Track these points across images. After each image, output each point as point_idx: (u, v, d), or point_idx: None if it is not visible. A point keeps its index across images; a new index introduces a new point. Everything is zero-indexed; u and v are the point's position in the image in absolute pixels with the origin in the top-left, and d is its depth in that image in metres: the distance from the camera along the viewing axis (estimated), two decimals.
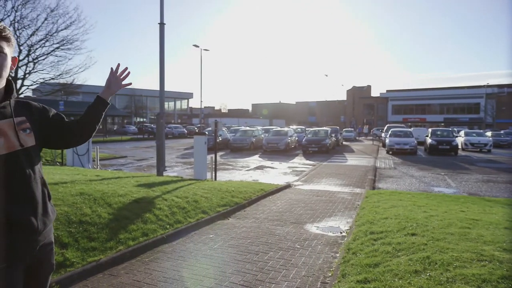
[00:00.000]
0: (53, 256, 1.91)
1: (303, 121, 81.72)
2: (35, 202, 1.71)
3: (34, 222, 1.69)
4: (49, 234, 1.85)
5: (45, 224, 1.77)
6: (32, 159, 1.75)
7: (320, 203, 8.43)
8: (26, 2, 19.09)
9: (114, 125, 57.48)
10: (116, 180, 8.15)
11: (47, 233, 1.84)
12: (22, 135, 1.72)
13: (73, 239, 4.56)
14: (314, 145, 23.91)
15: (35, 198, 1.71)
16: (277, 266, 4.52)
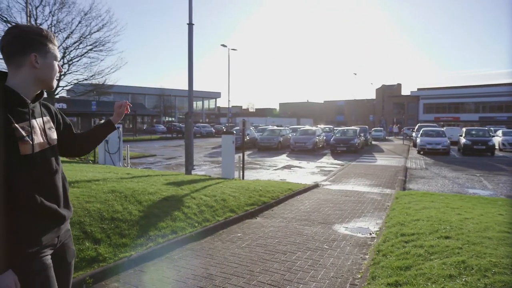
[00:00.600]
0: (73, 242, 2.01)
1: (331, 120, 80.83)
2: (59, 195, 1.82)
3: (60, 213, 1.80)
4: (68, 224, 1.94)
5: (67, 216, 1.87)
6: (57, 156, 1.87)
7: (348, 203, 8.30)
8: (62, 6, 19.82)
9: (143, 124, 58.77)
10: (146, 178, 8.32)
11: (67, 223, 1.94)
12: (49, 133, 1.82)
13: (106, 235, 4.68)
14: (343, 145, 23.59)
15: (59, 192, 1.82)
16: (305, 267, 4.48)
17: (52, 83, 1.84)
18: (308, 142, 24.28)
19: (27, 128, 1.67)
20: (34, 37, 1.74)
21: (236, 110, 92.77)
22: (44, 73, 1.77)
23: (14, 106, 1.66)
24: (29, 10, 18.68)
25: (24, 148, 1.64)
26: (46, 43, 1.77)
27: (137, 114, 50.71)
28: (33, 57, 1.72)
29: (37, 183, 1.70)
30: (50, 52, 1.79)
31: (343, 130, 26.94)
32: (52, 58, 1.80)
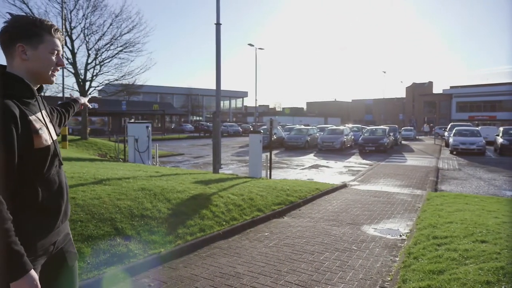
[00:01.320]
0: (74, 246, 1.93)
1: (359, 120, 79.53)
2: (64, 192, 1.76)
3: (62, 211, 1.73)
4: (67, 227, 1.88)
5: (67, 214, 1.81)
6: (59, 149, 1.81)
7: (377, 204, 8.14)
8: (95, 9, 20.46)
9: (172, 124, 59.71)
10: (174, 176, 8.44)
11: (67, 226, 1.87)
12: (51, 126, 1.77)
13: (136, 231, 4.78)
14: (371, 144, 23.17)
15: (64, 188, 1.76)
16: (333, 267, 4.42)
17: (47, 77, 1.71)
18: (336, 142, 24.00)
19: (39, 120, 1.63)
20: (24, 26, 1.63)
21: (263, 109, 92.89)
22: (34, 65, 1.66)
23: (24, 98, 1.60)
24: (64, 14, 19.36)
25: (38, 142, 1.58)
26: (39, 33, 1.65)
27: (165, 113, 51.59)
28: (20, 47, 1.62)
29: (46, 178, 1.64)
30: (44, 43, 1.66)
31: (372, 129, 26.47)
32: (46, 50, 1.67)
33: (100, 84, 22.68)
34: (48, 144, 1.64)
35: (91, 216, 4.78)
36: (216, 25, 11.58)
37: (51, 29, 1.70)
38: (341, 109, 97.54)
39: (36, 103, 1.68)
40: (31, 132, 1.55)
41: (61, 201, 1.72)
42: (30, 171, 1.57)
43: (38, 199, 1.59)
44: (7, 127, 1.44)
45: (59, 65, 1.75)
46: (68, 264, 1.84)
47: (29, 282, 1.43)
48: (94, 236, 4.42)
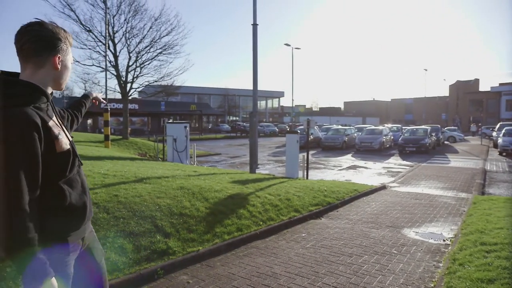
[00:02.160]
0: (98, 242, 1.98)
1: (398, 119, 77.26)
2: (86, 189, 1.81)
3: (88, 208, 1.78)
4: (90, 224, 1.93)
5: (91, 211, 1.85)
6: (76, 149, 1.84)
7: (419, 206, 7.86)
8: (136, 14, 21.15)
9: (209, 124, 60.64)
10: (211, 176, 8.56)
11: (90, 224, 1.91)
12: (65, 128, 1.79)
13: (175, 229, 4.89)
14: (412, 145, 22.43)
15: (86, 186, 1.81)
16: (372, 271, 4.31)
17: (63, 84, 1.78)
18: (375, 142, 23.45)
19: (56, 125, 1.67)
20: (57, 37, 1.68)
21: (300, 109, 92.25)
22: (61, 74, 1.73)
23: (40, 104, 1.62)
24: (107, 19, 20.14)
25: (59, 146, 1.62)
26: (66, 43, 1.72)
27: (202, 113, 52.48)
28: (57, 59, 1.67)
29: (69, 179, 1.69)
30: (69, 54, 1.75)
31: (413, 129, 25.60)
32: (70, 61, 1.76)
33: (140, 85, 23.38)
34: (68, 147, 1.68)
35: (132, 213, 4.94)
36: (253, 25, 11.63)
37: (71, 38, 1.76)
38: (380, 109, 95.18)
39: (50, 107, 1.71)
40: (52, 138, 1.59)
41: (86, 198, 1.77)
42: (55, 173, 1.61)
43: (65, 199, 1.64)
44: (31, 136, 1.48)
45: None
46: (96, 261, 1.90)
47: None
48: (135, 232, 4.56)
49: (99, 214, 4.73)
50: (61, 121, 1.79)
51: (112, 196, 5.35)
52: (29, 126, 1.48)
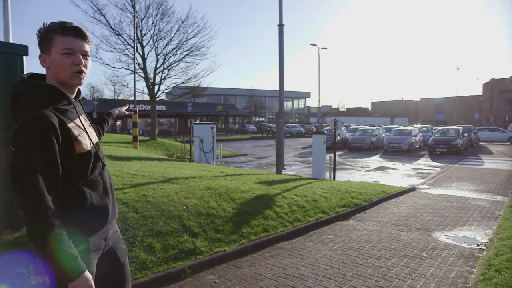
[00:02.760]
0: (122, 242, 1.98)
1: (428, 120, 75.23)
2: (109, 192, 1.80)
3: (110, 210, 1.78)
4: (115, 224, 1.94)
5: (115, 213, 1.86)
6: (102, 152, 1.85)
7: (450, 209, 7.62)
8: (163, 17, 21.58)
9: (235, 125, 61.00)
10: (238, 176, 8.60)
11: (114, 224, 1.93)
12: (91, 130, 1.80)
13: (202, 229, 4.94)
14: (443, 146, 21.77)
15: (108, 188, 1.81)
16: (402, 274, 4.21)
17: (69, 79, 1.66)
18: (403, 143, 22.91)
19: (77, 127, 1.66)
20: (40, 36, 1.64)
21: (326, 109, 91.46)
22: (53, 71, 1.64)
23: (62, 106, 1.63)
24: (136, 22, 20.61)
25: (79, 147, 1.62)
26: (49, 37, 1.62)
27: (229, 114, 52.84)
28: (40, 58, 1.65)
29: (90, 180, 1.70)
30: (55, 45, 1.61)
31: (444, 129, 24.83)
32: (56, 52, 1.61)
33: (168, 87, 23.80)
34: (89, 149, 1.68)
35: (160, 213, 5.02)
36: (279, 26, 11.61)
37: (61, 28, 1.62)
38: (409, 109, 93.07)
39: (73, 109, 1.70)
40: (71, 139, 1.60)
41: (107, 200, 1.77)
42: (75, 174, 1.63)
43: (86, 200, 1.65)
44: (48, 137, 1.50)
45: (76, 64, 1.64)
46: (120, 261, 1.90)
47: (84, 282, 1.50)
48: (163, 232, 4.63)
49: (129, 214, 4.83)
50: (88, 122, 1.81)
51: (140, 196, 5.47)
52: (45, 127, 1.50)
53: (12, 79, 4.26)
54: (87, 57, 1.71)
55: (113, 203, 1.84)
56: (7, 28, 6.18)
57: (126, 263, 1.95)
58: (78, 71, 1.65)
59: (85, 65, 1.68)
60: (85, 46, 1.69)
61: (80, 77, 1.67)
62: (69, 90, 1.71)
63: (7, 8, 6.33)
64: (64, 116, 1.61)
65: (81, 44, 1.66)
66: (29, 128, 1.49)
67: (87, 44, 1.71)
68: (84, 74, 1.69)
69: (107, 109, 13.83)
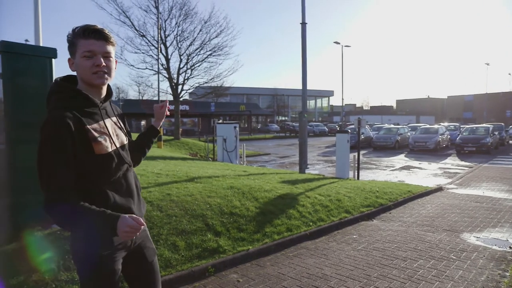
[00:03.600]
0: (151, 241, 2.00)
1: (456, 118, 73.07)
2: (133, 193, 1.83)
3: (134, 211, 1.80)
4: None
5: (141, 212, 1.88)
6: (128, 154, 1.88)
7: (480, 210, 7.38)
8: (186, 17, 21.84)
9: (258, 124, 61.07)
10: (261, 176, 8.60)
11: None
12: (119, 132, 1.84)
13: (225, 228, 4.96)
14: (471, 144, 21.11)
15: (133, 190, 1.83)
16: (429, 277, 4.11)
17: (91, 80, 1.70)
18: (430, 141, 22.36)
19: (99, 129, 1.69)
20: (68, 41, 1.70)
21: (350, 108, 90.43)
22: (78, 74, 1.72)
23: (85, 107, 1.68)
24: (160, 23, 20.92)
25: (98, 148, 1.66)
26: (74, 41, 1.68)
27: (251, 114, 52.93)
28: (69, 62, 1.73)
29: (113, 181, 1.73)
30: (78, 49, 1.67)
31: (472, 128, 24.08)
32: (79, 56, 1.67)
33: (191, 87, 24.09)
34: (110, 151, 1.71)
35: (184, 212, 5.08)
36: (301, 24, 11.54)
37: (83, 32, 1.67)
38: (435, 107, 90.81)
39: (99, 111, 1.74)
40: (89, 140, 1.64)
41: (131, 201, 1.80)
42: (96, 175, 1.67)
43: (108, 201, 1.69)
44: (60, 137, 1.56)
45: (96, 65, 1.68)
46: (148, 260, 1.92)
47: (125, 220, 1.55)
48: (187, 230, 4.68)
49: (153, 212, 4.91)
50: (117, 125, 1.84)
51: (165, 195, 5.55)
52: (59, 127, 1.56)
53: (42, 81, 4.40)
54: (109, 58, 1.73)
55: (138, 203, 1.87)
56: (37, 32, 6.40)
57: (155, 262, 1.97)
58: (98, 71, 1.68)
59: (107, 66, 1.71)
60: (106, 47, 1.71)
61: (101, 77, 1.71)
62: (96, 92, 1.75)
63: (38, 13, 6.55)
64: (86, 117, 1.66)
65: (102, 46, 1.69)
66: (46, 128, 1.57)
67: (109, 45, 1.73)
68: (106, 75, 1.72)
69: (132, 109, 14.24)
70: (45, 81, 4.40)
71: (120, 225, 1.53)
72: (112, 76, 1.76)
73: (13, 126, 4.30)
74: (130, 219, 1.55)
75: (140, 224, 1.55)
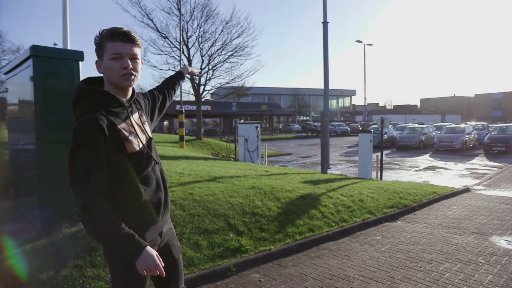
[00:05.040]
0: (177, 239, 2.05)
1: (484, 116, 70.99)
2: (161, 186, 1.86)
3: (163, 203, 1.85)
4: (169, 222, 2.01)
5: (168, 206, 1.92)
6: (155, 148, 1.90)
7: (510, 212, 7.14)
8: (208, 18, 22.02)
9: (279, 124, 60.95)
10: (283, 176, 8.59)
11: (169, 221, 2.00)
12: (145, 127, 1.86)
13: (247, 228, 4.98)
14: (500, 144, 20.44)
15: (161, 183, 1.86)
16: (456, 280, 4.00)
17: (119, 82, 1.74)
18: (456, 141, 21.79)
19: (127, 128, 1.73)
20: (95, 44, 1.74)
21: (373, 107, 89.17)
22: (106, 76, 1.76)
23: (114, 108, 1.72)
24: (182, 25, 21.17)
25: (130, 147, 1.70)
26: (102, 44, 1.71)
27: (273, 114, 52.90)
28: (96, 64, 1.76)
29: (143, 177, 1.77)
30: (106, 51, 1.70)
31: (502, 127, 23.30)
32: (107, 58, 1.70)
33: (213, 87, 24.24)
34: (139, 149, 1.75)
35: (207, 211, 5.13)
36: (323, 23, 11.45)
37: (111, 35, 1.70)
38: (461, 105, 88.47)
39: (124, 110, 1.78)
40: (122, 140, 1.68)
41: (161, 194, 1.85)
42: (128, 172, 1.71)
43: (140, 196, 1.73)
44: (94, 139, 1.60)
45: (124, 67, 1.71)
46: (174, 257, 1.97)
47: (148, 255, 1.61)
48: (209, 230, 4.73)
49: (176, 211, 4.98)
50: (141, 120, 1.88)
51: (187, 194, 5.61)
52: (93, 130, 1.60)
53: (70, 83, 4.54)
54: (136, 60, 1.76)
55: (166, 197, 1.91)
56: (65, 36, 6.59)
57: (180, 259, 2.02)
58: (126, 74, 1.72)
59: (134, 67, 1.75)
60: (133, 49, 1.74)
61: (129, 79, 1.74)
62: (122, 92, 1.79)
63: (66, 17, 6.74)
64: (115, 117, 1.71)
65: (129, 48, 1.72)
66: (78, 132, 1.62)
67: (136, 47, 1.76)
68: (134, 76, 1.75)
69: None
70: (73, 83, 4.54)
71: (144, 257, 1.61)
72: (138, 77, 1.80)
73: (43, 127, 4.45)
74: (154, 258, 1.63)
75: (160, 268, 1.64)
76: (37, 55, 4.35)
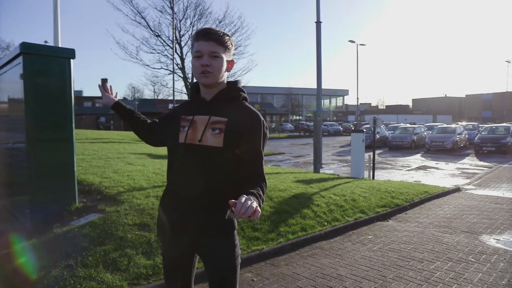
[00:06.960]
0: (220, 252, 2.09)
1: (474, 117, 71.70)
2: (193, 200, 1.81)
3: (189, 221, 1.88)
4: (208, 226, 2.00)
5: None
6: (210, 158, 1.76)
7: (500, 212, 7.23)
8: (200, 17, 22.00)
9: (272, 123, 61.01)
10: (275, 175, 8.60)
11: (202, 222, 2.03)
12: (208, 133, 1.77)
13: (239, 227, 4.98)
14: (490, 144, 20.69)
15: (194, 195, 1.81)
16: (446, 279, 4.04)
17: (198, 79, 1.82)
18: (447, 141, 21.99)
19: (187, 120, 1.85)
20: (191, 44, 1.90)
21: (365, 107, 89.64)
22: (193, 73, 1.95)
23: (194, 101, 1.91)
24: (175, 24, 21.09)
25: (180, 137, 1.84)
26: (192, 44, 1.84)
27: (266, 113, 52.89)
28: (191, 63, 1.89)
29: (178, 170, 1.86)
30: (193, 50, 1.79)
31: (492, 127, 23.59)
32: (192, 57, 1.81)
33: None
34: (181, 142, 1.83)
35: None
36: (316, 23, 11.49)
37: (196, 34, 1.79)
38: (452, 106, 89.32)
39: (200, 107, 1.86)
40: (178, 127, 1.87)
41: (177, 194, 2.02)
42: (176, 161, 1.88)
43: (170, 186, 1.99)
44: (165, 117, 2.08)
45: (202, 65, 1.74)
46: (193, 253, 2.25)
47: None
48: None
49: None
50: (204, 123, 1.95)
51: None
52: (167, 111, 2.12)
53: (61, 81, 4.49)
54: (216, 57, 1.76)
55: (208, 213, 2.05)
56: (56, 33, 6.52)
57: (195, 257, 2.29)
58: (203, 71, 1.75)
59: (212, 65, 1.75)
60: (213, 46, 1.75)
61: (205, 77, 1.77)
62: (207, 90, 1.86)
63: (57, 15, 6.67)
64: (186, 109, 1.92)
65: (210, 46, 1.74)
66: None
67: (217, 44, 1.76)
68: (211, 74, 1.76)
69: (147, 108, 14.46)
70: (64, 81, 4.49)
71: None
72: (217, 75, 1.78)
73: (34, 125, 4.40)
74: None
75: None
76: (27, 53, 4.29)
